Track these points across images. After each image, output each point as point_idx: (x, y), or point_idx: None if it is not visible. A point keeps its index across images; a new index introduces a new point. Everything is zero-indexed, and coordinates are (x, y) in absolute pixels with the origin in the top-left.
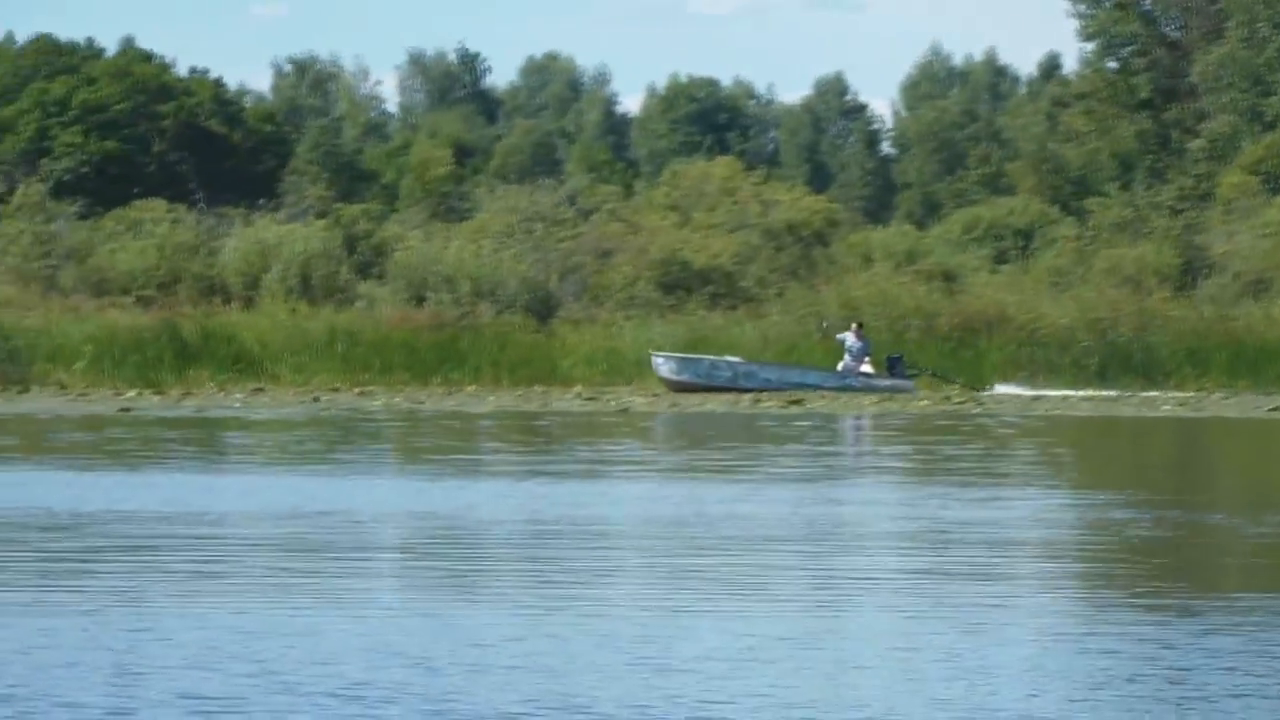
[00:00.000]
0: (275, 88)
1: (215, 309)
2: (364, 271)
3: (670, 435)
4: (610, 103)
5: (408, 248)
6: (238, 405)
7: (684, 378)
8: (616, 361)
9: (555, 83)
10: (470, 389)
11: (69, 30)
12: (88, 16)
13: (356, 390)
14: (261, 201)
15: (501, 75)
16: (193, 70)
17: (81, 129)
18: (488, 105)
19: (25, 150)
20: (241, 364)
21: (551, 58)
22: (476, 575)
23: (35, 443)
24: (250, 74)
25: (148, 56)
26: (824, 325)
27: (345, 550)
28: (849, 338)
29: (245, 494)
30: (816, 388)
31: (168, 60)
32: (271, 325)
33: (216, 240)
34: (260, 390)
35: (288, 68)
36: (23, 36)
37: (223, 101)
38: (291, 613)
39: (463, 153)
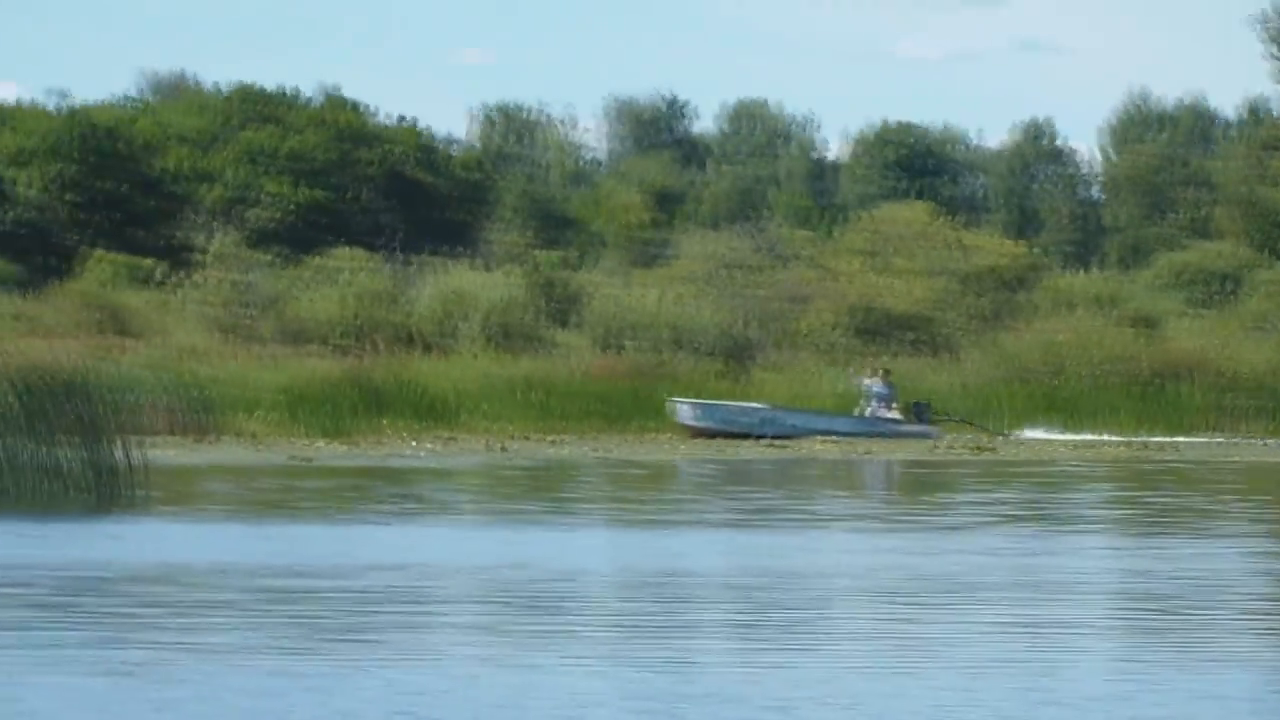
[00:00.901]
0: (480, 135)
1: (410, 357)
2: (560, 319)
3: (848, 482)
4: (815, 148)
5: (604, 295)
6: (421, 455)
7: (705, 424)
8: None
9: (760, 128)
10: (666, 437)
11: (272, 79)
12: (291, 65)
13: (549, 439)
14: (458, 249)
15: (706, 121)
16: (399, 119)
17: (286, 178)
18: (692, 151)
19: (229, 199)
20: (434, 413)
21: (757, 104)
22: (681, 628)
23: (187, 494)
24: (454, 121)
25: (351, 105)
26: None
27: (469, 604)
28: (874, 383)
29: (371, 545)
30: (841, 434)
31: (370, 108)
32: (465, 373)
33: (412, 288)
34: (451, 439)
35: (493, 115)
36: (226, 86)
37: (426, 149)
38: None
39: (666, 199)
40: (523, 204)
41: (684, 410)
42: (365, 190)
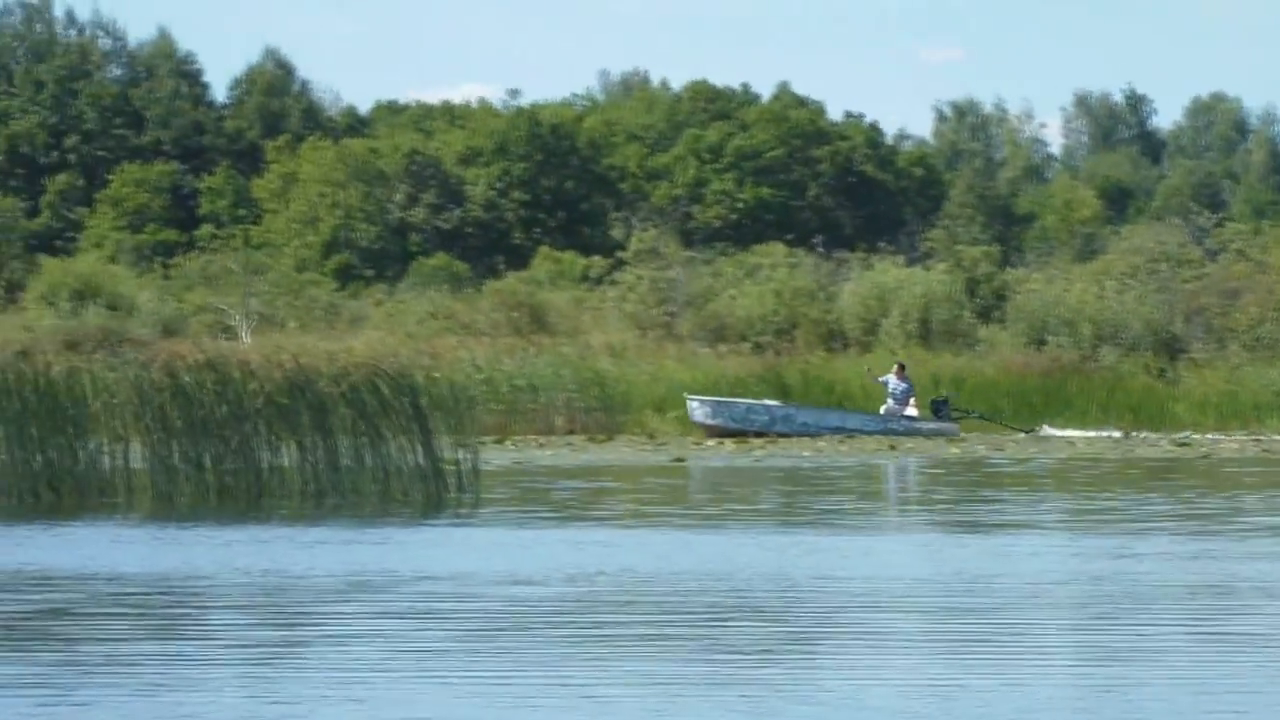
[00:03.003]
0: (936, 132)
1: (830, 354)
2: (985, 315)
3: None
4: (1276, 143)
5: (1029, 290)
6: (806, 454)
7: (718, 422)
8: (1232, 405)
9: (1221, 123)
10: (1071, 432)
11: (725, 76)
12: (744, 62)
13: (946, 439)
14: (888, 245)
15: (1167, 116)
16: (847, 114)
17: (734, 176)
18: (1151, 146)
19: (678, 197)
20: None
21: (1218, 98)
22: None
23: (522, 496)
24: (912, 118)
25: (801, 101)
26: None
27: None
28: (891, 380)
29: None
30: (857, 431)
31: (820, 105)
32: (877, 371)
33: (835, 285)
34: (848, 437)
35: (949, 111)
36: (678, 83)
37: (877, 146)
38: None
39: (1119, 195)
40: (970, 199)
41: (695, 408)
42: (814, 187)
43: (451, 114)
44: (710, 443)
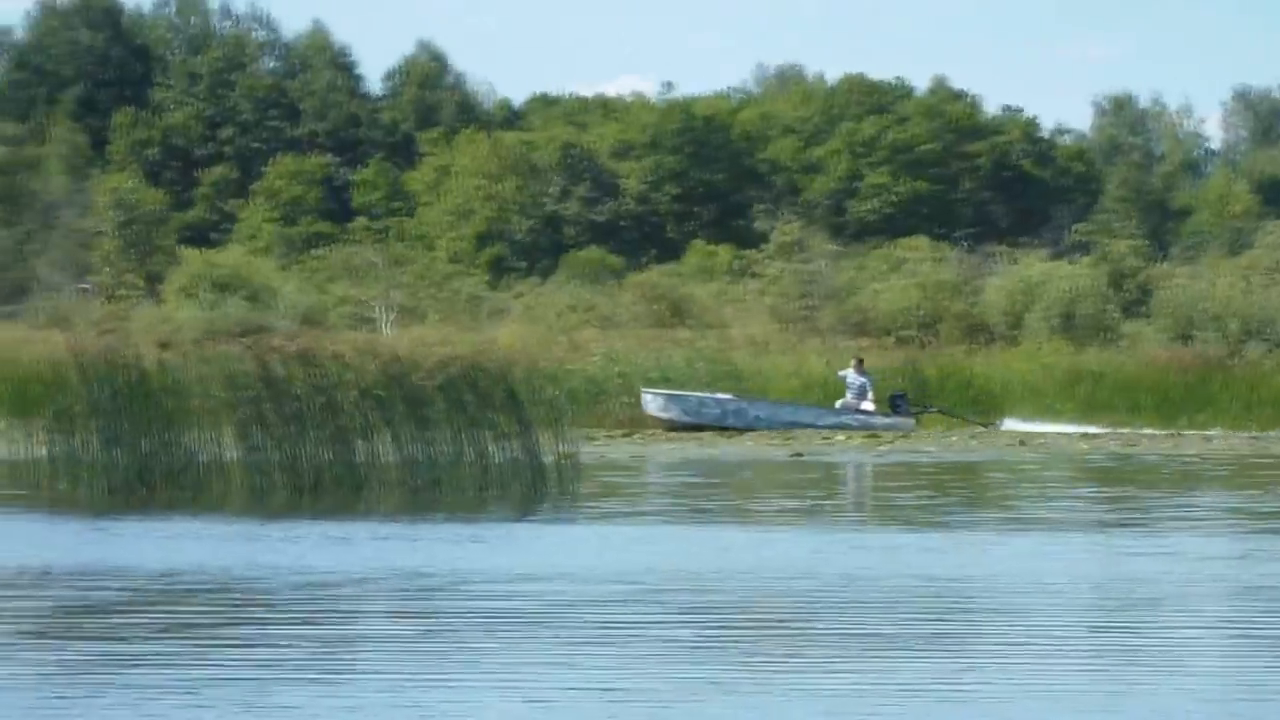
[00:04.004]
0: (1094, 126)
1: (971, 349)
2: (1131, 310)
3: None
4: None
5: (1175, 285)
6: (931, 448)
7: (671, 415)
8: None
9: None
10: (1210, 432)
11: (880, 70)
12: (900, 55)
13: (1080, 434)
14: (1024, 239)
15: None
16: (1004, 108)
17: (889, 170)
18: None
19: (834, 191)
20: (979, 405)
21: None
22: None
23: (623, 493)
24: (1070, 112)
25: (957, 95)
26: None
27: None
28: (849, 374)
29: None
30: (810, 426)
31: (977, 98)
32: (1018, 365)
33: (980, 278)
34: (983, 432)
35: (1107, 105)
36: (834, 76)
37: (1034, 140)
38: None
39: (1276, 190)
40: (1126, 194)
41: (650, 400)
42: (968, 180)
43: (605, 107)
44: (840, 437)
